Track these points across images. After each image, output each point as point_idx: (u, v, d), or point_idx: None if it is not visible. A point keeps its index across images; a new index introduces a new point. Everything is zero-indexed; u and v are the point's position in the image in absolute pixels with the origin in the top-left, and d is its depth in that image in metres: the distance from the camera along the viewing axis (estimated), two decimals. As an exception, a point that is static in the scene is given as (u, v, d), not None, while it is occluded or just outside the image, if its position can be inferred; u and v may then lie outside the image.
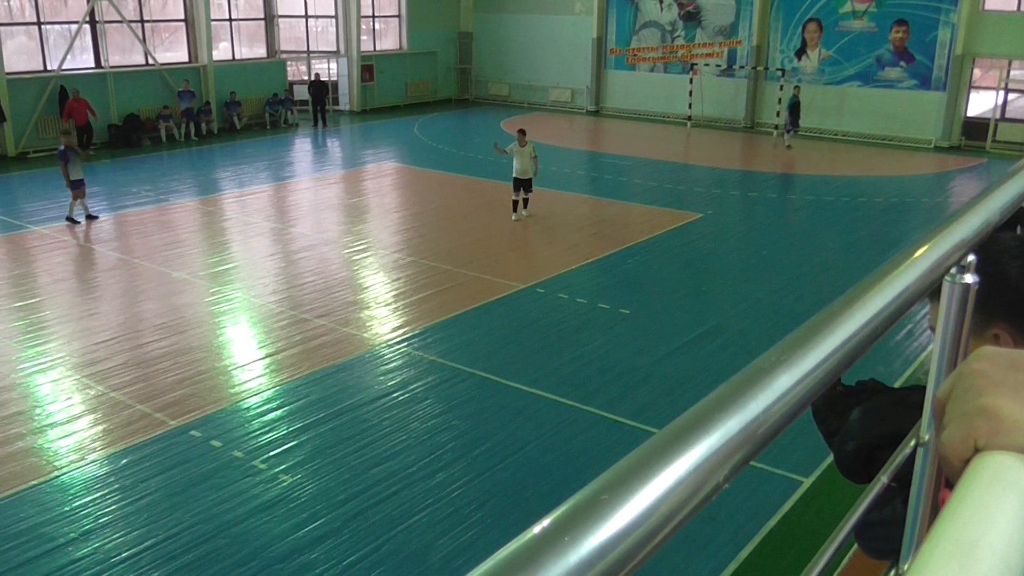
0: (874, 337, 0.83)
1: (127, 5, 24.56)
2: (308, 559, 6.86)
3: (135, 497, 7.69)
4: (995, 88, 24.71)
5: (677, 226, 16.66)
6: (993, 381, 0.71)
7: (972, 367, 0.74)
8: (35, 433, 8.75)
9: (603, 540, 0.50)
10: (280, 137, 26.25)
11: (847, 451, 1.91)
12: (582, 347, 10.91)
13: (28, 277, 13.61)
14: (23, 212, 17.26)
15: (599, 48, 30.47)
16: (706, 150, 25.14)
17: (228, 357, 10.79)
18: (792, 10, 26.72)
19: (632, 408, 9.30)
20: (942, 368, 1.03)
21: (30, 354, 10.59)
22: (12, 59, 22.53)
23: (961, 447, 0.67)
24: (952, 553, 0.53)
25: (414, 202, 19.14)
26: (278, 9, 28.67)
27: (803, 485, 7.85)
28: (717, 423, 0.61)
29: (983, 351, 0.76)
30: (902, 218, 18.13)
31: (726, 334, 11.31)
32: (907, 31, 24.95)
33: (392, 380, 10.00)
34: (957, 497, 0.60)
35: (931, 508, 1.12)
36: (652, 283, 13.65)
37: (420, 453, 8.41)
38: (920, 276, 0.94)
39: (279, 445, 8.55)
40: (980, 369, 0.73)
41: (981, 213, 1.17)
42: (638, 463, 0.56)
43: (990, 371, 0.72)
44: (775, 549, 7.08)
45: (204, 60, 26.01)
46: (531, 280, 13.34)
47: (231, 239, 15.89)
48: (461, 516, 7.41)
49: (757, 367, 0.70)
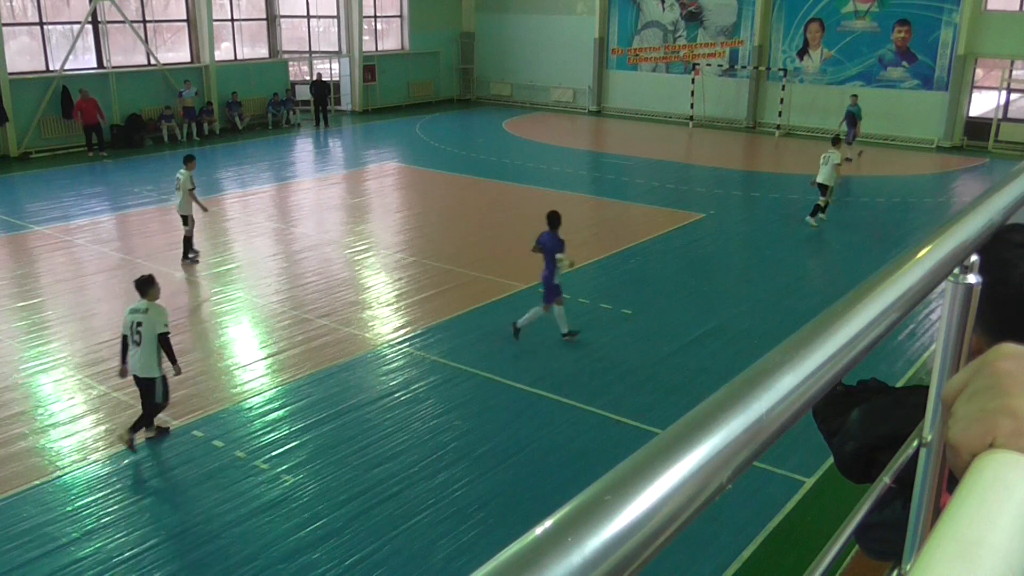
0: (877, 338, 0.83)
1: (129, 5, 24.58)
2: (310, 559, 6.86)
3: (137, 497, 7.70)
4: (997, 88, 24.68)
5: (679, 226, 16.65)
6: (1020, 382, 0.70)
7: (997, 365, 0.73)
8: (37, 433, 8.76)
9: (606, 541, 0.50)
10: (282, 137, 26.26)
11: (847, 451, 1.90)
12: (584, 347, 10.90)
13: (30, 277, 13.63)
14: (25, 212, 17.28)
15: (601, 48, 30.46)
16: (708, 150, 25.13)
17: (230, 357, 10.79)
18: (794, 10, 26.70)
19: (634, 408, 9.29)
20: (945, 368, 1.03)
21: (32, 354, 10.60)
22: (15, 59, 22.55)
23: (977, 442, 0.67)
24: (954, 554, 0.53)
25: (416, 202, 19.14)
26: (280, 9, 28.69)
27: (805, 485, 7.85)
28: (720, 423, 0.61)
29: (1005, 349, 0.75)
30: (905, 218, 18.12)
31: (728, 334, 11.30)
32: (909, 31, 24.93)
33: (394, 380, 10.00)
34: (959, 497, 0.59)
35: (933, 508, 1.12)
36: (654, 283, 13.64)
37: (422, 453, 8.41)
38: (923, 276, 0.94)
39: (281, 445, 8.55)
40: (1007, 369, 0.72)
41: (984, 213, 1.17)
42: (641, 463, 0.56)
43: (1018, 372, 0.71)
44: (777, 549, 7.08)
45: (206, 60, 26.03)
46: (533, 280, 13.30)
47: (233, 239, 15.89)
48: (463, 516, 7.41)
49: (760, 368, 0.69)
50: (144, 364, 8.35)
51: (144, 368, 8.37)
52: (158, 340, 8.29)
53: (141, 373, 8.40)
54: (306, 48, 29.99)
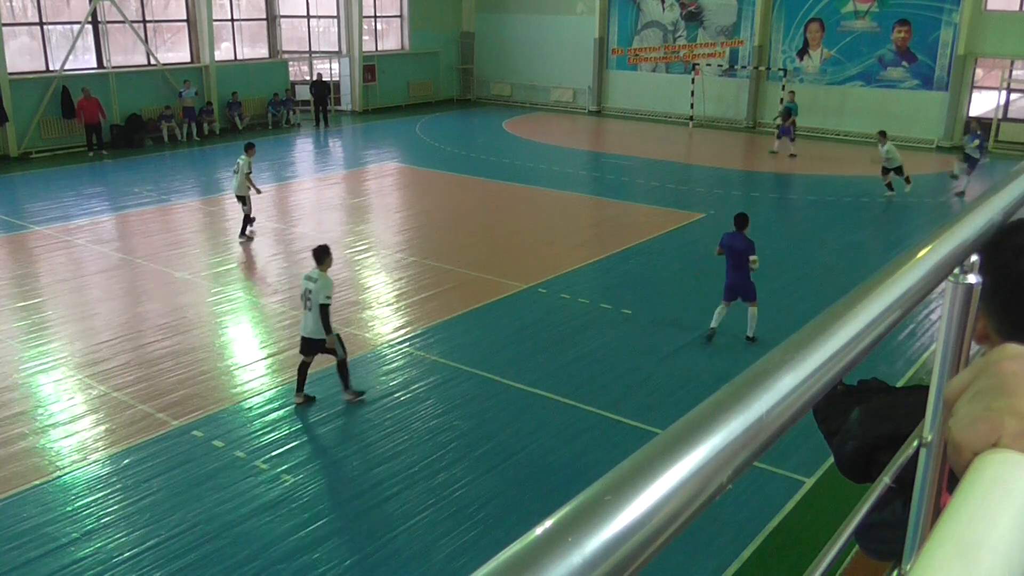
0: (877, 338, 0.83)
1: (129, 5, 24.58)
2: (310, 559, 6.86)
3: (137, 497, 7.70)
4: (997, 88, 24.68)
5: (679, 226, 16.65)
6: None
7: (1003, 366, 0.73)
8: (37, 433, 8.76)
9: (606, 541, 0.50)
10: (282, 137, 26.25)
11: (847, 451, 1.90)
12: (584, 347, 10.90)
13: (31, 277, 13.63)
14: (26, 212, 17.28)
15: (601, 48, 30.46)
16: (708, 150, 25.12)
17: (230, 357, 10.79)
18: (794, 10, 26.69)
19: (635, 408, 9.29)
20: (945, 368, 1.03)
21: (33, 354, 10.60)
22: (14, 59, 22.55)
23: (981, 441, 0.67)
24: (954, 554, 0.53)
25: (416, 202, 19.14)
26: (280, 9, 28.69)
27: (805, 485, 7.85)
28: (721, 424, 0.61)
29: (1010, 350, 0.75)
30: (905, 218, 18.12)
31: (729, 334, 11.30)
32: (909, 31, 24.92)
33: (394, 380, 10.00)
34: (959, 497, 0.59)
35: (933, 508, 1.12)
36: (654, 283, 13.64)
37: (422, 453, 8.41)
38: (923, 276, 0.94)
39: (281, 445, 8.56)
40: (1013, 370, 0.72)
41: (984, 213, 1.17)
42: (641, 464, 0.56)
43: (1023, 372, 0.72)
44: (777, 549, 7.08)
45: (206, 60, 26.03)
46: (533, 280, 13.33)
47: (233, 239, 15.89)
48: (463, 516, 7.41)
49: (760, 368, 0.69)
50: (313, 327, 9.17)
51: (313, 331, 9.18)
52: (319, 308, 8.99)
53: (311, 335, 9.22)
54: (306, 48, 29.98)
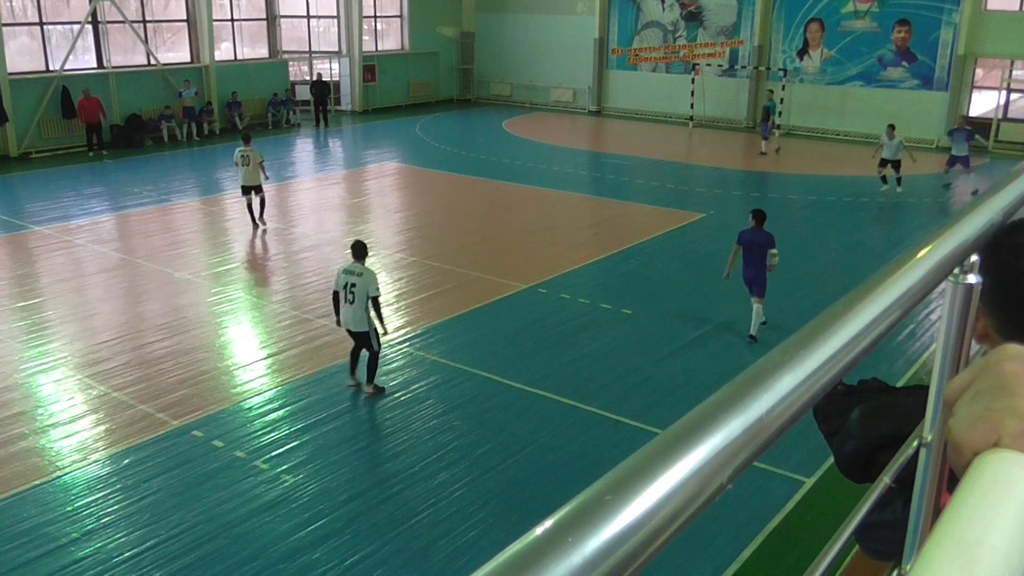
0: (878, 338, 0.83)
1: (129, 5, 24.57)
2: (310, 559, 6.86)
3: (137, 497, 7.70)
4: (997, 88, 24.68)
5: (679, 226, 16.65)
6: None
7: (1003, 366, 0.73)
8: (37, 433, 8.76)
9: (606, 541, 0.50)
10: (282, 137, 26.25)
11: (847, 451, 1.90)
12: (584, 347, 10.90)
13: (31, 277, 13.63)
14: (25, 212, 17.28)
15: (601, 48, 30.46)
16: (708, 150, 25.12)
17: (230, 357, 10.79)
18: (794, 10, 26.69)
19: (635, 408, 9.29)
20: (945, 368, 1.03)
21: (32, 354, 10.60)
22: (14, 59, 22.55)
23: (981, 441, 0.67)
24: (954, 554, 0.53)
25: (416, 202, 19.14)
26: (280, 9, 28.69)
27: (805, 485, 7.85)
28: (721, 424, 0.61)
29: (1011, 350, 0.75)
30: (905, 218, 18.12)
31: (729, 334, 11.30)
32: (909, 31, 24.92)
33: (394, 380, 10.00)
34: (959, 497, 0.59)
35: (933, 508, 1.12)
36: (654, 283, 13.64)
37: (422, 453, 8.41)
38: (923, 276, 0.94)
39: (281, 445, 8.56)
40: (1014, 370, 0.72)
41: (984, 213, 1.17)
42: (641, 463, 0.56)
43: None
44: (777, 549, 7.08)
45: (206, 60, 26.03)
46: (533, 280, 13.33)
47: (233, 239, 15.89)
48: (463, 516, 7.41)
49: (760, 368, 0.69)
50: (357, 320, 9.44)
51: (357, 323, 9.46)
52: (370, 301, 9.32)
53: (355, 328, 9.51)
54: (306, 48, 29.98)
